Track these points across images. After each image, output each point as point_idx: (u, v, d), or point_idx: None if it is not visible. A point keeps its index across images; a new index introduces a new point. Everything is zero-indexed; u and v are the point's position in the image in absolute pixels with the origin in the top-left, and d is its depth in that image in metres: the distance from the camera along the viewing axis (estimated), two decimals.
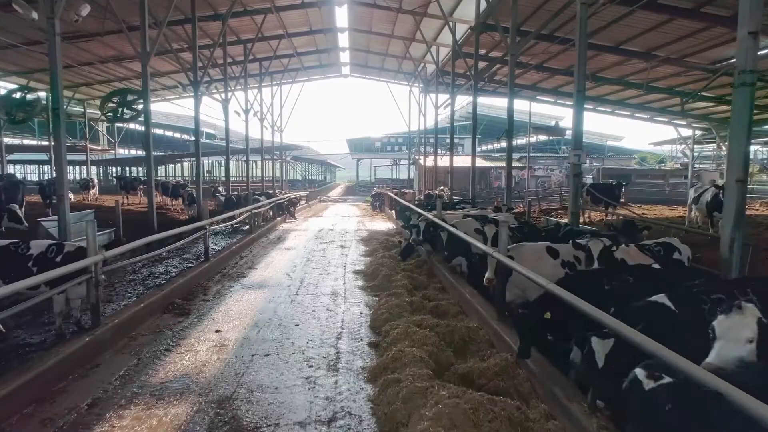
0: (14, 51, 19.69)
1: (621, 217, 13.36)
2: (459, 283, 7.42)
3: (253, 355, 5.22)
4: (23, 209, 12.46)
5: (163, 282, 8.05)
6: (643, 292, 3.67)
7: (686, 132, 30.25)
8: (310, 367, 4.95)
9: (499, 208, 12.72)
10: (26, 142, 41.09)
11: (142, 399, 4.22)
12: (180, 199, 21.16)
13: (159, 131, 49.67)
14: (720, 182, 26.81)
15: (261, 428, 3.74)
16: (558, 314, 4.04)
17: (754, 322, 2.53)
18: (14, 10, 15.90)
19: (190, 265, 9.64)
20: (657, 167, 39.78)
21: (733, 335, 2.57)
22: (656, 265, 5.09)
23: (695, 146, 32.64)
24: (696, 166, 33.77)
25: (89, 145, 32.18)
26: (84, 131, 31.94)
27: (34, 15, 9.85)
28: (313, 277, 9.17)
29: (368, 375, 4.70)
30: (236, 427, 3.75)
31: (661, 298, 3.50)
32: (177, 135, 53.48)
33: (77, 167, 43.56)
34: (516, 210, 14.85)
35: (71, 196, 23.62)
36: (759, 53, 16.65)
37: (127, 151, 47.75)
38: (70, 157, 38.08)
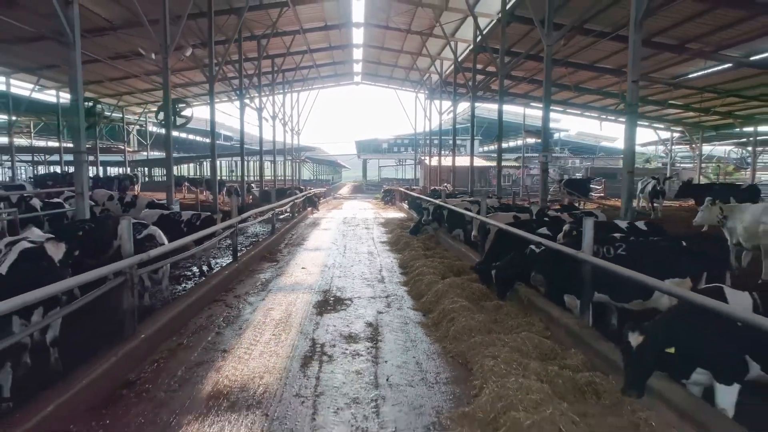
0: None
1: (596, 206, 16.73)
2: (457, 244, 10.81)
3: (331, 277, 8.63)
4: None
5: (242, 251, 11.43)
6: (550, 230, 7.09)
7: (666, 135, 33.56)
8: (368, 281, 8.35)
9: (490, 197, 16.12)
10: (50, 144, 43.91)
11: (280, 291, 7.63)
12: (221, 194, 24.74)
13: (179, 135, 52.84)
14: (695, 178, 29.99)
15: (353, 298, 7.14)
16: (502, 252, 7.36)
17: (563, 231, 5.99)
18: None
19: (254, 240, 13.01)
20: (642, 166, 42.89)
21: (559, 236, 6.05)
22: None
23: (677, 147, 35.95)
24: (677, 164, 37.07)
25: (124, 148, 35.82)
26: (122, 135, 35.55)
27: (153, 55, 13.25)
28: (352, 244, 12.59)
29: (402, 283, 8.12)
30: (338, 299, 7.14)
31: (543, 230, 6.88)
32: (191, 137, 56.47)
33: (112, 168, 46.96)
34: (505, 201, 18.20)
35: None
36: (707, 72, 20.01)
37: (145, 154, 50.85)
38: (107, 158, 41.72)
